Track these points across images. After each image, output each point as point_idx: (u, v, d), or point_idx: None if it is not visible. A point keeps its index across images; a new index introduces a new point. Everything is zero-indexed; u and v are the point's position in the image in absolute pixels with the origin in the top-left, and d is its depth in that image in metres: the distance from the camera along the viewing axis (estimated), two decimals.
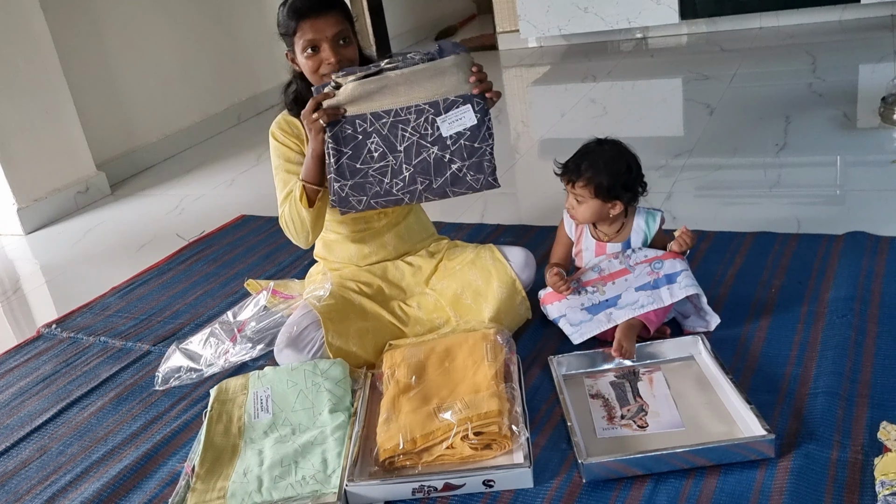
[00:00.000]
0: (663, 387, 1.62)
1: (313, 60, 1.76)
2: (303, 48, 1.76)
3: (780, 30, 4.72)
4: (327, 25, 1.74)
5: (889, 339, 1.67)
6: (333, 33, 1.74)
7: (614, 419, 1.56)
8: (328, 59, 1.75)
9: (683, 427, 1.50)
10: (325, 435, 1.61)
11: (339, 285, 1.95)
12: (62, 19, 3.68)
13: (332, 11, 1.75)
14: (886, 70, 3.54)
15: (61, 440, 1.84)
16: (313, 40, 1.74)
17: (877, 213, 2.27)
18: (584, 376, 1.70)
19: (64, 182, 3.59)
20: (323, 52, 1.75)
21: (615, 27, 5.00)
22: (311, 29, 1.73)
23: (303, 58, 1.77)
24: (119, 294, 2.59)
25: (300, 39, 1.75)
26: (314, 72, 1.78)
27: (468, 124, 1.69)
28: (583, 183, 1.78)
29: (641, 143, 1.93)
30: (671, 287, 1.74)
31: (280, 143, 1.92)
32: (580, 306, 1.79)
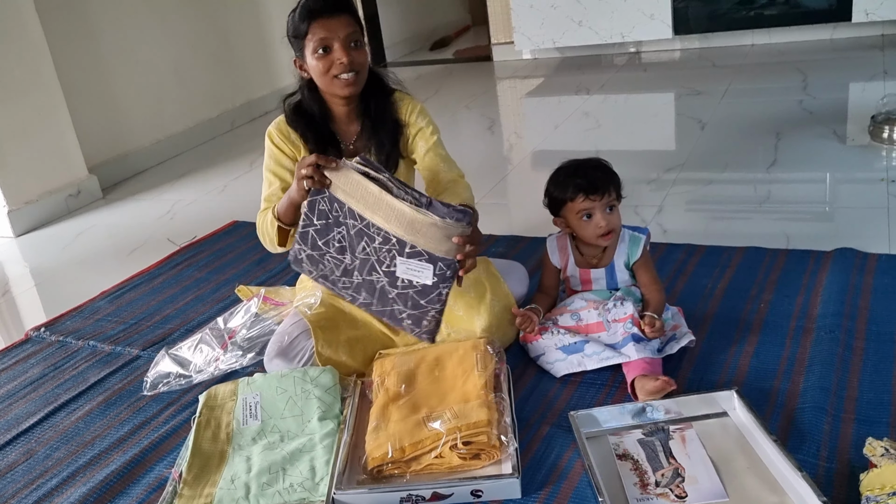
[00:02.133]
0: (698, 447, 1.46)
1: (324, 61, 1.76)
2: (314, 49, 1.75)
3: (771, 47, 4.77)
4: (340, 26, 1.74)
5: (876, 355, 1.69)
6: (346, 34, 1.75)
7: (648, 486, 1.39)
8: (340, 59, 1.75)
9: (727, 498, 1.34)
10: (314, 442, 1.61)
11: (329, 293, 1.95)
12: (57, 22, 3.68)
13: (344, 13, 1.76)
14: (876, 89, 3.57)
15: (48, 444, 1.83)
16: (325, 39, 1.74)
17: (865, 230, 2.29)
18: (609, 434, 1.54)
19: (55, 185, 3.58)
20: (335, 52, 1.75)
21: (609, 41, 5.04)
22: (324, 29, 1.74)
23: (313, 59, 1.77)
24: (109, 298, 2.59)
25: (311, 40, 1.75)
26: (325, 73, 1.78)
27: (423, 281, 1.64)
28: (612, 189, 1.79)
29: (633, 156, 1.94)
30: (637, 345, 1.69)
31: (275, 146, 1.93)
32: (554, 346, 1.79)
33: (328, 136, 1.91)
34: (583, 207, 1.77)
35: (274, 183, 1.93)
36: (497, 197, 3.05)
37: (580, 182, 1.77)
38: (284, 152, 1.92)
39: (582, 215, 1.78)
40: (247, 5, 4.93)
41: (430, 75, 5.62)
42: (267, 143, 1.94)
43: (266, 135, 1.94)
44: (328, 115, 1.91)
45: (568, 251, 1.89)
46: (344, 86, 1.79)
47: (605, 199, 1.77)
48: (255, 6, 5.00)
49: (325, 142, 1.90)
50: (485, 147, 3.77)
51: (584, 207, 1.77)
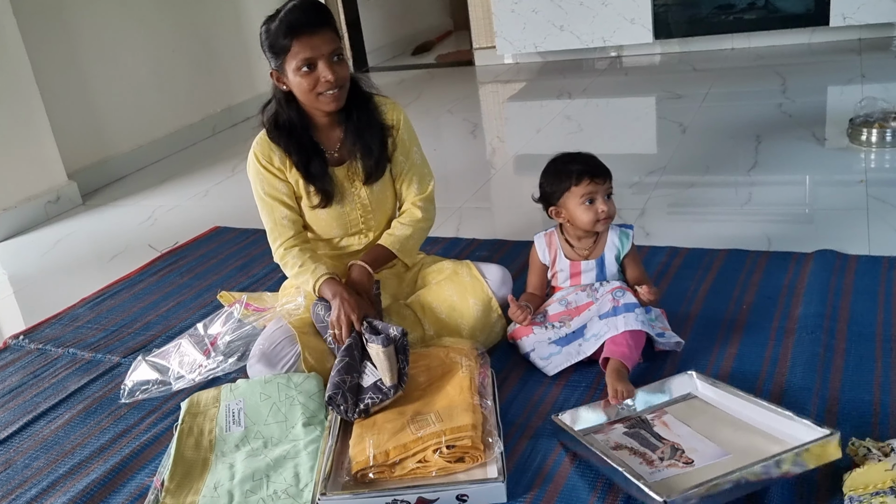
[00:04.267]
0: (681, 426, 1.51)
1: (309, 79, 1.73)
2: (297, 66, 1.72)
3: (751, 51, 4.81)
4: (323, 42, 1.72)
5: (857, 355, 1.70)
6: (330, 50, 1.73)
7: (654, 462, 1.41)
8: (326, 77, 1.73)
9: (730, 454, 1.39)
10: (298, 449, 1.60)
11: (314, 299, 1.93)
12: (35, 27, 3.64)
13: (326, 28, 1.73)
14: (854, 92, 3.61)
15: (27, 453, 1.80)
16: (310, 58, 1.72)
17: (845, 231, 2.31)
18: (594, 433, 1.55)
19: (34, 191, 3.54)
20: (320, 69, 1.73)
21: (590, 45, 5.06)
22: (307, 47, 1.71)
23: (297, 76, 1.74)
24: (89, 305, 2.56)
25: (294, 58, 1.72)
26: (310, 90, 1.75)
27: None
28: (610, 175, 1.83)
29: (615, 160, 1.95)
30: (627, 316, 1.72)
31: (263, 169, 1.88)
32: (547, 340, 1.80)
33: (311, 147, 1.88)
34: (587, 192, 1.79)
35: (276, 209, 1.89)
36: (480, 201, 3.05)
37: (584, 167, 1.81)
38: (274, 173, 1.88)
39: (585, 200, 1.80)
40: (227, 10, 4.91)
41: (413, 80, 5.62)
42: (254, 166, 1.89)
43: (251, 157, 1.90)
44: (309, 125, 1.88)
45: (556, 245, 1.89)
46: (329, 101, 1.78)
47: (606, 185, 1.81)
48: (236, 11, 4.98)
49: (308, 152, 1.87)
50: (467, 151, 3.77)
51: (589, 192, 1.79)
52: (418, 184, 1.99)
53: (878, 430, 1.47)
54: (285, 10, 1.73)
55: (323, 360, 1.81)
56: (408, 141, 1.97)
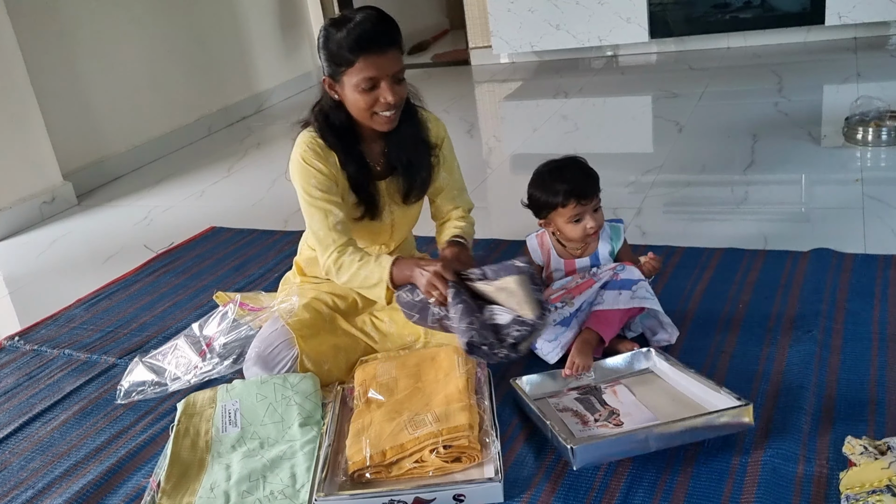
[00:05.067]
0: (628, 395, 1.64)
1: (368, 97, 1.67)
2: (358, 83, 1.65)
3: (747, 50, 4.81)
4: (389, 63, 1.65)
5: (853, 354, 1.70)
6: (395, 71, 1.67)
7: (588, 423, 1.56)
8: (386, 99, 1.66)
9: (657, 420, 1.51)
10: (295, 449, 1.60)
11: (314, 297, 1.93)
12: (29, 26, 3.63)
13: (394, 47, 1.67)
14: (850, 91, 3.62)
15: (23, 455, 1.80)
16: (374, 79, 1.65)
17: (841, 230, 2.31)
18: (548, 397, 1.68)
19: (29, 192, 3.53)
20: (381, 90, 1.66)
21: (586, 45, 5.06)
22: (373, 66, 1.64)
23: (355, 93, 1.67)
24: (84, 306, 2.55)
25: (357, 74, 1.65)
26: (367, 109, 1.69)
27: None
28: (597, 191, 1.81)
29: (612, 159, 1.95)
30: (623, 292, 1.75)
31: (314, 170, 1.76)
32: (552, 323, 1.80)
33: (358, 158, 1.81)
34: (574, 213, 1.80)
35: (331, 213, 1.76)
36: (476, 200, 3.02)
37: (570, 189, 1.79)
38: (325, 174, 1.77)
39: (572, 220, 1.80)
40: (223, 10, 4.90)
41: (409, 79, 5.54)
42: (301, 167, 1.77)
43: (297, 158, 1.77)
44: (356, 136, 1.81)
45: (549, 246, 1.90)
46: (384, 122, 1.72)
47: (593, 202, 1.79)
48: (232, 11, 4.97)
49: (355, 163, 1.80)
50: (464, 151, 3.76)
51: (576, 213, 1.80)
52: (461, 198, 1.99)
53: (875, 428, 1.47)
54: (355, 20, 1.64)
55: (321, 362, 1.81)
56: (450, 157, 1.95)
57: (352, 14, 1.66)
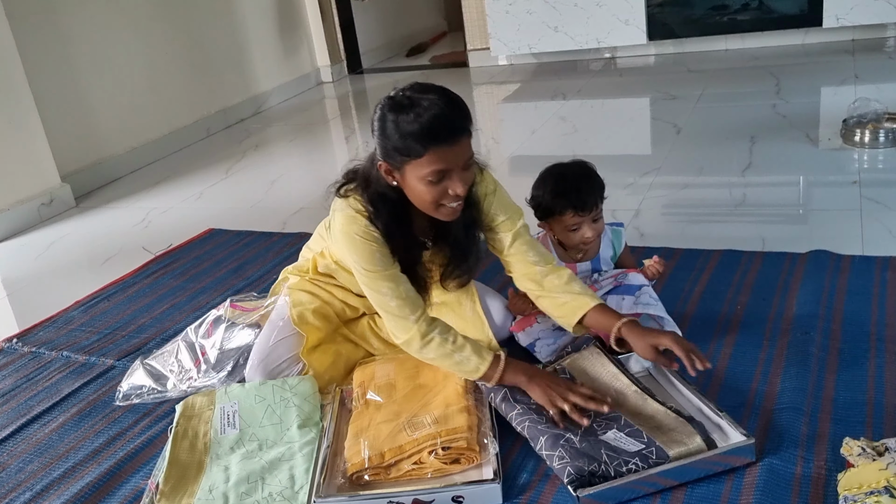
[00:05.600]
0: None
1: (436, 189, 1.50)
2: (425, 176, 1.48)
3: (745, 52, 4.82)
4: (462, 151, 1.48)
5: (851, 355, 1.70)
6: (465, 160, 1.50)
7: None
8: (456, 191, 1.50)
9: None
10: (293, 451, 1.60)
11: (325, 302, 1.86)
12: (28, 28, 3.63)
13: (466, 134, 1.49)
14: (847, 92, 3.62)
15: (21, 457, 1.79)
16: (444, 171, 1.48)
17: (839, 232, 2.32)
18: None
19: (27, 194, 3.53)
20: (451, 182, 1.49)
21: (585, 47, 5.07)
22: (443, 159, 1.46)
23: (421, 184, 1.49)
24: (83, 308, 2.55)
25: (426, 167, 1.47)
26: (434, 202, 1.52)
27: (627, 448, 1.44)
28: (599, 201, 1.80)
29: (610, 160, 1.95)
30: (627, 298, 1.75)
31: (375, 244, 1.59)
32: (551, 327, 1.80)
33: (411, 241, 1.67)
34: (572, 223, 1.80)
35: (401, 283, 1.61)
36: None
37: (570, 200, 1.78)
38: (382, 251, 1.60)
39: (569, 228, 1.81)
40: (221, 11, 4.90)
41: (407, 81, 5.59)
42: (364, 247, 1.59)
43: (353, 237, 1.59)
44: (409, 215, 1.63)
45: (550, 249, 1.90)
46: (450, 213, 1.57)
47: (592, 214, 1.79)
48: (230, 12, 4.97)
49: (408, 246, 1.65)
50: None
51: (574, 223, 1.80)
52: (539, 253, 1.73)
53: (873, 430, 1.47)
54: (423, 106, 1.45)
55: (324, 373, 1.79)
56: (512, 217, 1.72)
57: (416, 96, 1.48)
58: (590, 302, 1.65)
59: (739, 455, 1.41)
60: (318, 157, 4.11)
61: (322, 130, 4.68)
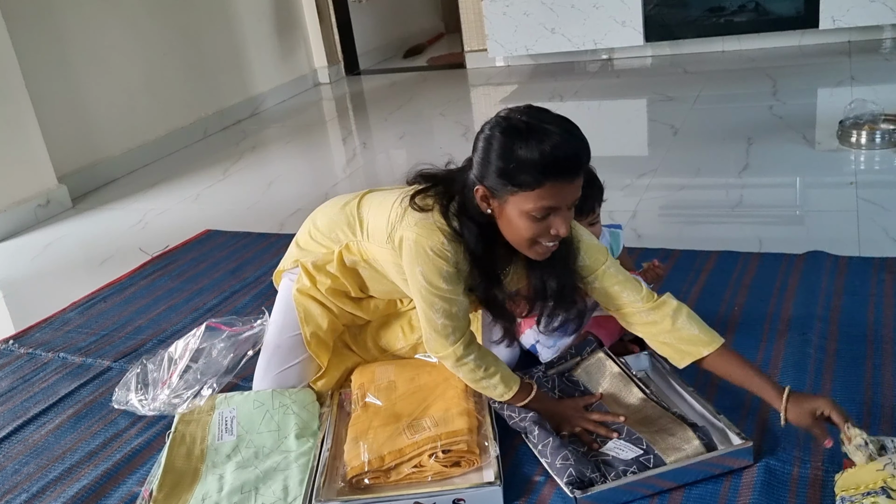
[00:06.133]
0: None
1: (539, 226, 1.39)
2: (531, 211, 1.37)
3: (741, 53, 4.83)
4: (574, 191, 1.39)
5: (848, 356, 1.71)
6: (575, 198, 1.40)
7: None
8: (558, 231, 1.40)
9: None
10: (289, 461, 1.59)
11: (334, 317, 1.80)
12: (24, 29, 3.62)
13: (581, 174, 1.39)
14: (844, 94, 3.63)
15: (17, 459, 1.79)
16: (553, 208, 1.37)
17: (836, 233, 2.32)
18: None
19: (24, 195, 3.52)
20: (556, 221, 1.39)
21: (581, 48, 5.07)
22: (557, 195, 1.36)
23: (522, 219, 1.39)
24: (79, 309, 2.54)
25: (535, 201, 1.36)
26: (532, 238, 1.42)
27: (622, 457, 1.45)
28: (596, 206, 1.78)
29: (607, 162, 1.95)
30: None
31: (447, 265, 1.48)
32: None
33: (492, 277, 1.55)
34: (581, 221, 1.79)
35: (456, 304, 1.52)
36: None
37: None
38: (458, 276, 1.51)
39: None
40: (218, 13, 4.90)
41: (404, 83, 5.62)
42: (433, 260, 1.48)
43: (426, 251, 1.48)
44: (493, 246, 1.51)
45: None
46: (542, 253, 1.46)
47: (589, 217, 1.79)
48: (227, 13, 4.97)
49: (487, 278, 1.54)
50: (459, 154, 3.74)
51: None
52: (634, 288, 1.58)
53: (870, 430, 1.46)
54: (545, 135, 1.33)
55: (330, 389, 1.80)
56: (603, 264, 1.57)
57: (536, 122, 1.35)
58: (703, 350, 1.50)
59: (737, 457, 1.41)
60: (315, 159, 4.11)
61: (319, 132, 4.68)
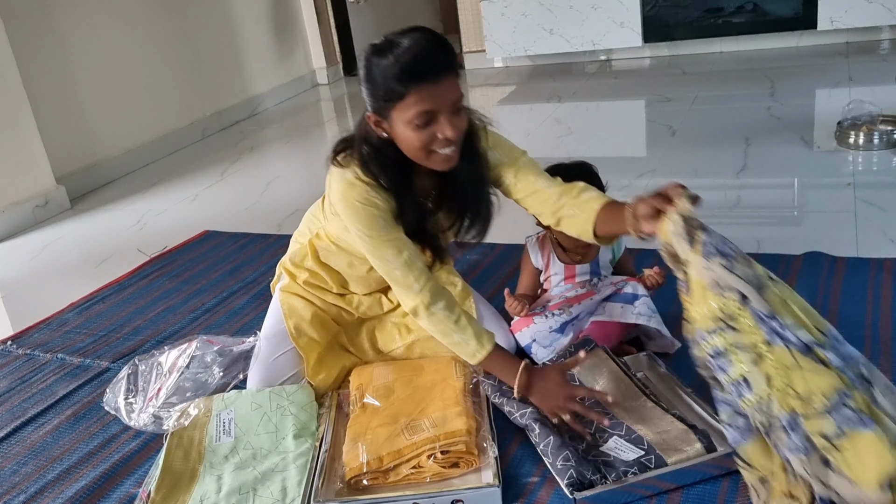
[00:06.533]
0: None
1: (424, 134, 1.44)
2: (411, 119, 1.42)
3: (739, 54, 4.83)
4: (447, 92, 1.42)
5: None
6: (453, 100, 1.44)
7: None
8: (444, 134, 1.44)
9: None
10: (287, 462, 1.59)
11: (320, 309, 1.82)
12: (22, 29, 3.62)
13: (450, 73, 1.43)
14: (842, 95, 3.63)
15: (15, 459, 1.79)
16: (430, 112, 1.42)
17: (833, 234, 2.32)
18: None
19: (22, 195, 3.52)
20: (439, 124, 1.43)
21: (580, 49, 5.08)
22: (429, 98, 1.40)
23: (408, 129, 1.44)
24: (78, 310, 2.54)
25: (409, 109, 1.41)
26: (424, 147, 1.46)
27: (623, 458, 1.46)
28: None
29: (605, 163, 1.95)
30: (625, 307, 1.75)
31: (375, 210, 1.55)
32: (548, 329, 1.79)
33: (415, 204, 1.60)
34: None
35: (405, 247, 1.57)
36: None
37: None
38: (380, 214, 1.55)
39: None
40: (216, 13, 4.90)
41: None
42: (363, 212, 1.54)
43: (353, 203, 1.54)
44: (409, 175, 1.57)
45: (549, 250, 1.90)
46: (443, 161, 1.50)
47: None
48: (226, 14, 4.97)
49: (413, 210, 1.59)
50: None
51: None
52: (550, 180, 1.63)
53: None
54: (403, 46, 1.41)
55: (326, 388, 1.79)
56: (514, 159, 1.67)
57: (397, 37, 1.43)
58: (595, 206, 1.53)
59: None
60: (313, 160, 4.11)
61: (317, 132, 4.68)
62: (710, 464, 1.40)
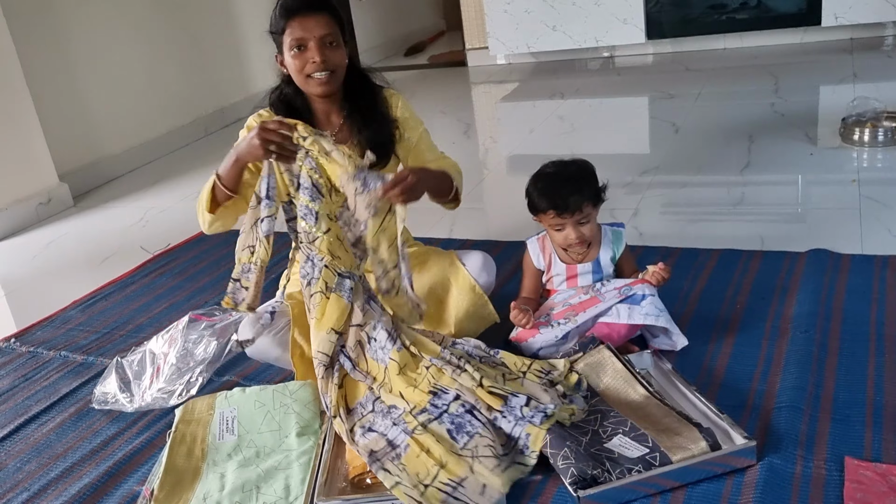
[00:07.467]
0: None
1: (299, 59, 1.76)
2: (290, 47, 1.76)
3: (743, 51, 4.82)
4: (316, 25, 1.75)
5: (850, 354, 1.70)
6: (321, 34, 1.75)
7: None
8: (313, 59, 1.75)
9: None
10: (290, 460, 1.58)
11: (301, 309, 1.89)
12: (25, 26, 3.62)
13: (321, 12, 1.76)
14: (846, 91, 3.62)
15: (18, 457, 1.79)
16: (301, 39, 1.75)
17: (838, 231, 2.31)
18: None
19: (25, 193, 3.53)
20: (309, 51, 1.75)
21: (583, 46, 5.06)
22: (300, 28, 1.74)
23: (289, 57, 1.77)
24: (81, 307, 2.54)
25: (288, 38, 1.76)
26: (300, 71, 1.78)
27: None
28: (585, 205, 1.78)
29: (608, 160, 1.95)
30: (632, 308, 1.74)
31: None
32: (554, 338, 1.78)
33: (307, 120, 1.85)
34: (555, 223, 1.80)
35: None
36: (473, 202, 3.05)
37: (552, 199, 1.78)
38: None
39: (554, 227, 1.81)
40: (219, 11, 4.90)
41: (405, 81, 5.61)
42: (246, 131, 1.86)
43: (245, 127, 1.89)
44: (308, 109, 1.89)
45: (550, 250, 1.89)
46: (317, 85, 1.79)
47: (575, 216, 1.78)
48: (228, 11, 4.96)
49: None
50: (460, 152, 3.76)
51: (555, 223, 1.80)
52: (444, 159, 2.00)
53: (873, 429, 1.47)
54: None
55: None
56: (412, 121, 1.98)
57: None
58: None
59: (741, 456, 1.40)
60: None
61: None
62: (715, 462, 1.39)
